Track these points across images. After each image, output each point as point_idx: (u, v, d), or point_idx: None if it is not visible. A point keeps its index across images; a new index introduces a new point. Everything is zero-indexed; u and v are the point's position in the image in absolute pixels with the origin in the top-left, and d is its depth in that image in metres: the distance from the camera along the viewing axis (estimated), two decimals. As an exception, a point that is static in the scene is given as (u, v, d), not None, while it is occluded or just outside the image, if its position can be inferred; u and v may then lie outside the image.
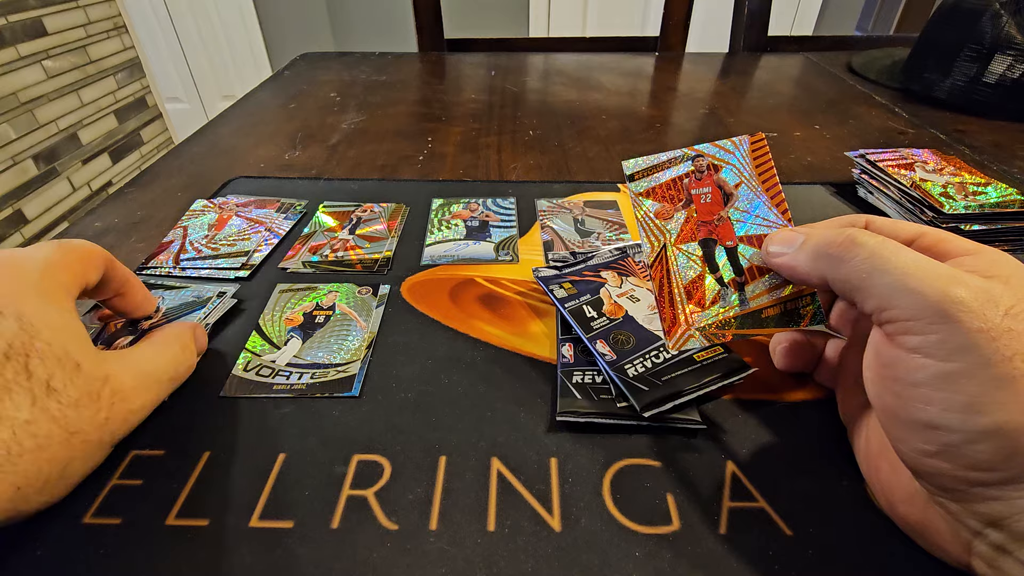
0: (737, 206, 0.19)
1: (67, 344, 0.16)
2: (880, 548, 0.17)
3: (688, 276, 0.19)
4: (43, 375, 0.15)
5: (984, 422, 0.12)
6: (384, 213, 0.36)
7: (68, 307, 0.18)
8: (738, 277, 0.19)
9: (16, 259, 0.17)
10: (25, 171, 1.18)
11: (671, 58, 0.74)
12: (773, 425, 0.21)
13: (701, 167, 0.20)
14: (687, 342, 0.18)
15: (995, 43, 0.48)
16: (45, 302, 0.17)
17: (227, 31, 1.71)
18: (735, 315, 0.18)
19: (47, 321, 0.16)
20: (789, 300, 0.18)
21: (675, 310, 0.19)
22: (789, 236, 0.18)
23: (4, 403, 0.14)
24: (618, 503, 0.18)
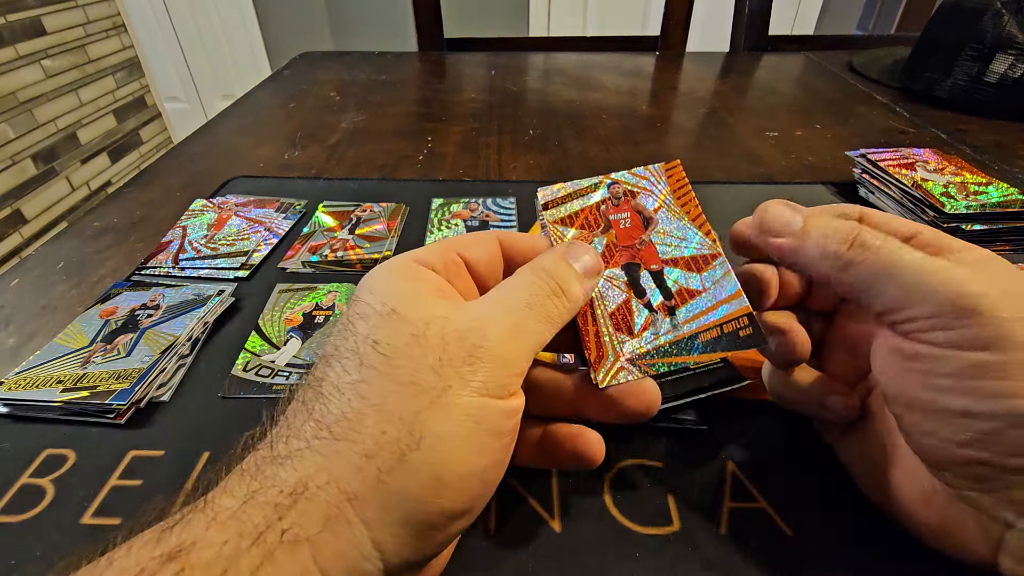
0: (659, 229, 0.19)
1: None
2: (880, 548, 0.17)
3: (614, 303, 0.18)
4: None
5: (1019, 405, 0.12)
6: (384, 213, 0.36)
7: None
8: (667, 301, 0.18)
9: None
10: (24, 171, 1.18)
11: (671, 57, 0.74)
12: (773, 425, 0.21)
13: (617, 193, 0.19)
14: (618, 374, 0.16)
15: (996, 42, 0.48)
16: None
17: (226, 30, 1.71)
18: (669, 341, 0.17)
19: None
20: (726, 323, 0.17)
21: (600, 340, 0.17)
22: (786, 215, 0.17)
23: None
24: (618, 503, 0.18)
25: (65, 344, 0.24)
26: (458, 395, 0.13)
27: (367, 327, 0.14)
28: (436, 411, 0.12)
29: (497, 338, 0.14)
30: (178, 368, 0.23)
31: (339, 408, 0.13)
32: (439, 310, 0.14)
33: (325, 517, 0.11)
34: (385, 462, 0.12)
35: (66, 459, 0.20)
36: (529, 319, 0.15)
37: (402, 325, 0.13)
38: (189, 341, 0.24)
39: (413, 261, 0.16)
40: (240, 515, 0.11)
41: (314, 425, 0.12)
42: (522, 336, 0.14)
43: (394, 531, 0.12)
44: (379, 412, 0.12)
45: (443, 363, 0.13)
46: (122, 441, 0.20)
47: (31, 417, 0.21)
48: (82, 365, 0.23)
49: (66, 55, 1.27)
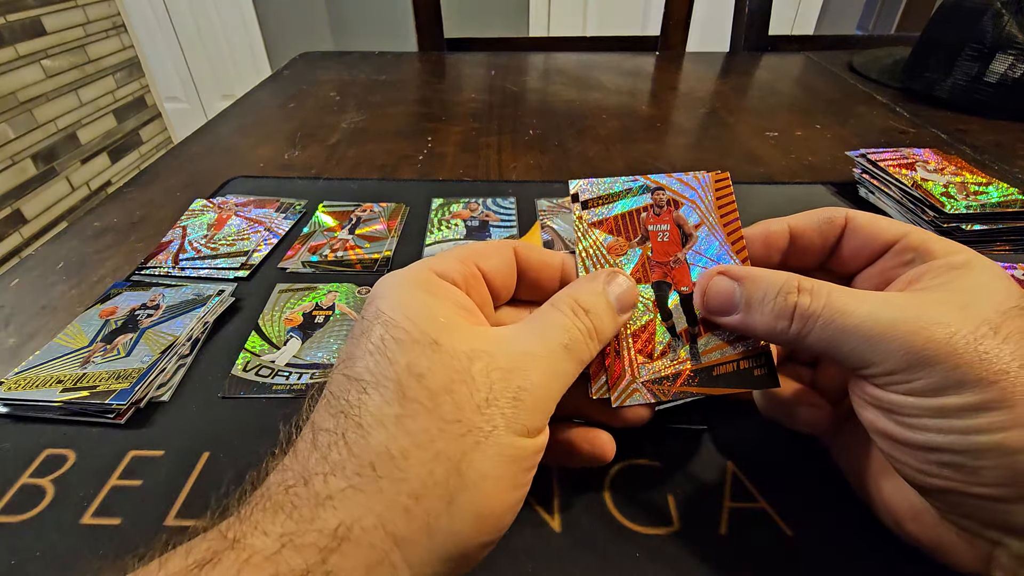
0: (696, 248, 0.18)
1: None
2: (881, 548, 0.17)
3: (639, 321, 0.17)
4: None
5: (984, 441, 0.12)
6: (384, 213, 0.36)
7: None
8: (691, 328, 0.17)
9: None
10: (24, 171, 1.18)
11: (671, 57, 0.74)
12: (774, 426, 0.21)
13: (660, 201, 0.18)
14: (631, 396, 0.16)
15: (996, 42, 0.48)
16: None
17: (226, 30, 1.71)
18: (688, 371, 0.16)
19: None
20: (743, 359, 0.16)
21: (620, 357, 0.16)
22: (724, 292, 0.16)
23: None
24: (618, 503, 0.18)
25: (65, 344, 0.24)
26: (501, 436, 0.13)
27: (408, 357, 0.13)
28: (481, 452, 0.12)
29: (538, 380, 0.14)
30: (178, 368, 0.23)
31: (382, 443, 0.12)
32: (481, 343, 0.14)
33: (368, 562, 0.11)
34: (434, 505, 0.12)
35: (66, 459, 0.20)
36: (565, 361, 0.15)
37: (447, 359, 0.13)
38: (189, 341, 0.24)
39: (434, 273, 0.15)
40: (277, 558, 0.11)
41: (354, 462, 0.12)
42: (558, 378, 0.14)
43: (435, 567, 0.12)
44: (426, 451, 0.12)
45: (489, 403, 0.13)
46: (122, 441, 0.20)
47: (31, 417, 0.21)
48: (82, 365, 0.23)
49: (66, 55, 1.27)
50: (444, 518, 0.12)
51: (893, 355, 0.13)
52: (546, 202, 0.37)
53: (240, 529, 0.11)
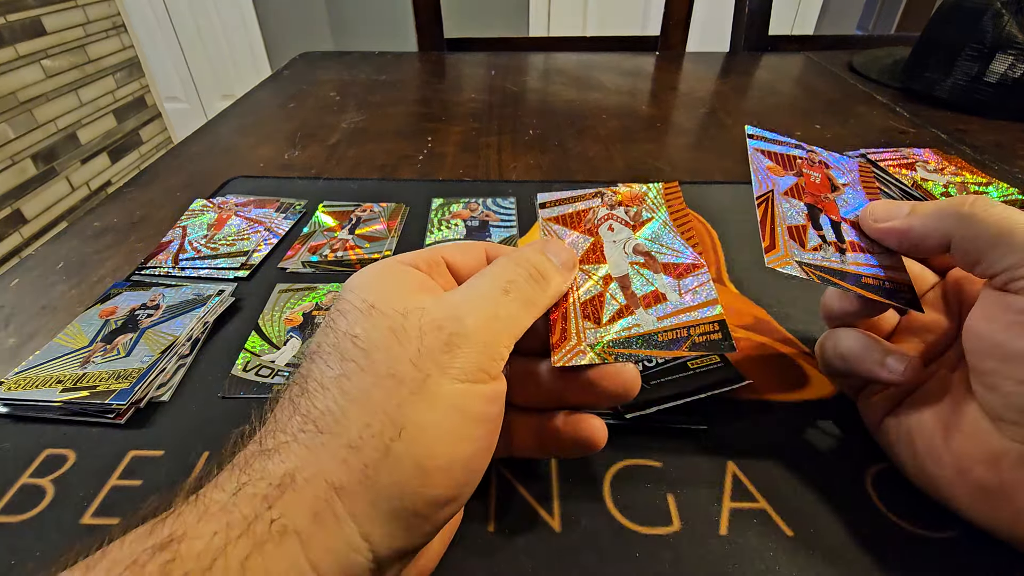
0: (842, 198, 0.20)
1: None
2: (881, 548, 0.17)
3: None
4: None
5: None
6: (384, 213, 0.36)
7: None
8: (840, 243, 0.19)
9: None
10: (24, 171, 1.18)
11: (671, 57, 0.74)
12: (774, 425, 0.21)
13: (813, 159, 0.21)
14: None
15: (996, 42, 0.48)
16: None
17: (226, 30, 1.71)
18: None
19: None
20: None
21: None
22: (892, 205, 0.18)
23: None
24: (618, 504, 0.18)
25: (65, 344, 0.24)
26: (438, 384, 0.13)
27: (347, 323, 0.14)
28: (417, 401, 0.12)
29: (474, 324, 0.14)
30: (178, 368, 0.23)
31: (323, 403, 0.13)
32: (416, 302, 0.14)
33: (313, 512, 0.11)
34: (370, 455, 0.12)
35: (66, 459, 0.20)
36: (506, 303, 0.15)
37: (380, 319, 0.14)
38: (189, 341, 0.24)
39: (396, 261, 0.16)
40: (229, 507, 0.11)
41: (300, 419, 0.13)
42: (500, 320, 0.14)
43: (382, 522, 0.12)
44: (361, 405, 0.12)
45: (421, 354, 0.13)
46: (122, 441, 0.20)
47: (31, 417, 0.21)
48: (82, 365, 0.23)
49: (66, 55, 1.27)
50: (383, 468, 0.12)
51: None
52: (546, 202, 0.37)
53: (204, 490, 0.12)
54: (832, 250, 0.19)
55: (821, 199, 0.20)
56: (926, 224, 0.17)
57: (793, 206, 0.19)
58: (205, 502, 0.11)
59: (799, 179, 0.20)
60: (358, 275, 0.16)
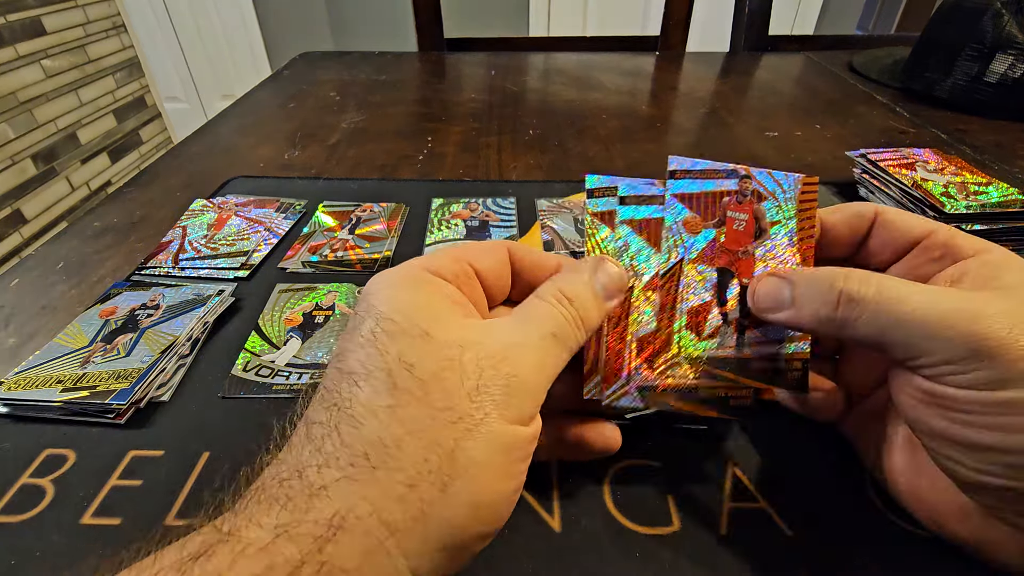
0: (766, 246, 0.18)
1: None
2: (882, 549, 0.17)
3: (698, 300, 0.17)
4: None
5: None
6: (384, 213, 0.36)
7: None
8: (742, 319, 0.17)
9: None
10: (24, 171, 1.18)
11: (671, 57, 0.74)
12: (774, 426, 0.21)
13: (745, 190, 0.18)
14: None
15: (996, 42, 0.48)
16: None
17: (226, 30, 1.71)
18: (730, 357, 0.17)
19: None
20: (783, 359, 0.17)
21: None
22: (774, 291, 0.16)
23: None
24: (618, 503, 0.18)
25: (65, 344, 0.24)
26: (493, 423, 0.13)
27: (398, 348, 0.13)
28: (474, 439, 0.12)
29: (527, 369, 0.14)
30: (178, 368, 0.23)
31: (375, 433, 0.12)
32: (471, 334, 0.14)
33: (364, 550, 0.11)
34: (428, 492, 0.12)
35: (66, 459, 0.20)
36: (553, 349, 0.15)
37: (437, 349, 0.13)
38: (189, 341, 0.24)
39: (425, 270, 0.15)
40: (271, 548, 0.10)
41: (348, 452, 0.12)
42: (547, 366, 0.15)
43: (431, 556, 0.12)
44: (419, 439, 0.12)
45: (480, 391, 0.13)
46: (122, 441, 0.20)
47: (31, 417, 0.21)
48: (82, 365, 0.23)
49: (66, 55, 1.27)
50: (439, 505, 0.12)
51: (950, 344, 0.13)
52: (546, 202, 0.37)
53: (234, 522, 0.11)
54: (731, 333, 0.17)
55: (739, 255, 0.18)
56: (810, 324, 0.15)
57: (702, 277, 0.18)
58: (241, 541, 0.11)
59: (719, 230, 0.18)
60: (386, 284, 0.15)
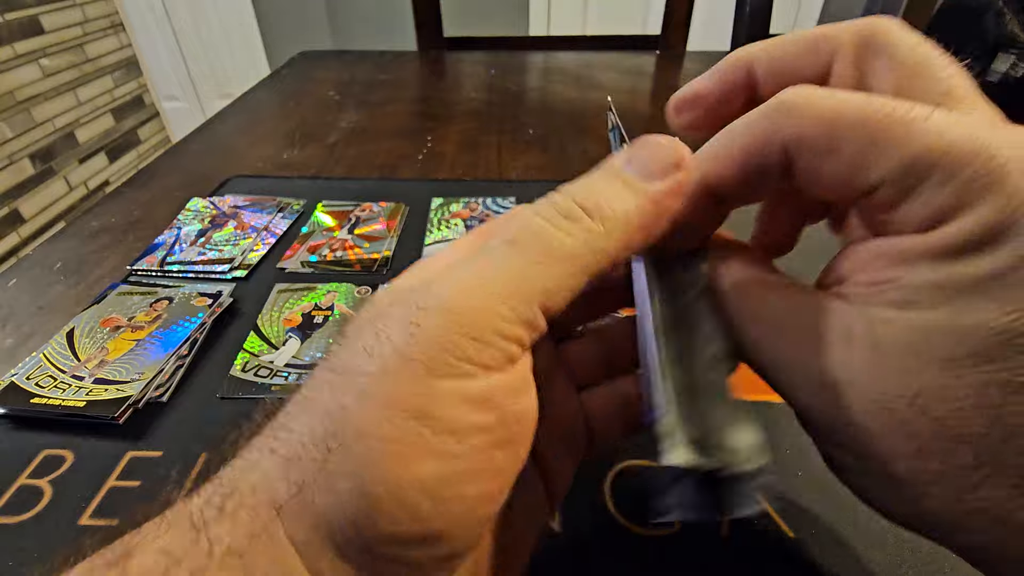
0: None
1: None
2: (882, 549, 0.17)
3: None
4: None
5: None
6: (383, 212, 0.35)
7: None
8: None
9: None
10: (22, 170, 1.18)
11: (672, 57, 0.73)
12: (774, 426, 0.21)
13: None
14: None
15: (998, 42, 0.48)
16: None
17: (225, 29, 1.70)
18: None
19: None
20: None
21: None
22: (659, 149, 0.12)
23: None
24: (618, 504, 0.18)
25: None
26: (395, 379, 0.09)
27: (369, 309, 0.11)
28: (361, 401, 0.09)
29: (450, 291, 0.10)
30: (176, 369, 0.23)
31: (290, 404, 0.11)
32: (418, 271, 0.11)
33: (249, 532, 0.09)
34: (307, 468, 0.09)
35: (64, 460, 0.19)
36: (509, 257, 0.10)
37: (371, 305, 0.11)
38: (187, 342, 0.24)
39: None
40: (176, 522, 0.10)
41: (270, 429, 0.10)
42: (491, 283, 0.10)
43: (331, 557, 0.09)
44: (308, 406, 0.10)
45: (379, 336, 0.10)
46: (120, 442, 0.20)
47: (30, 417, 0.21)
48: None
49: (64, 54, 1.27)
50: (318, 487, 0.09)
51: (889, 152, 0.09)
52: (546, 202, 0.37)
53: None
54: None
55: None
56: (740, 166, 0.11)
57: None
58: (168, 516, 0.10)
59: None
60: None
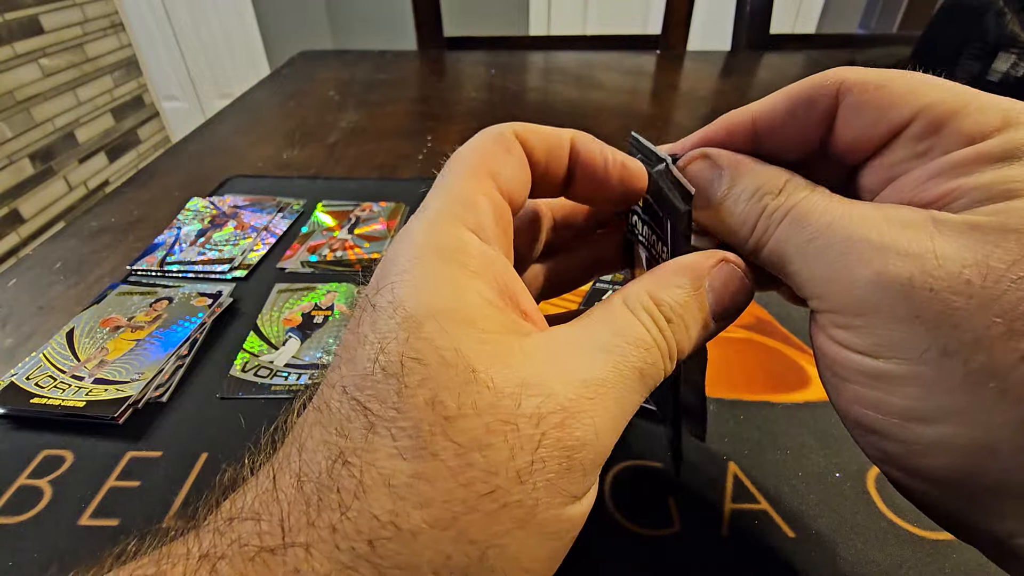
0: None
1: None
2: (882, 549, 0.17)
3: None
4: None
5: (929, 434, 0.09)
6: (383, 212, 0.35)
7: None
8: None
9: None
10: (21, 170, 1.17)
11: (672, 56, 0.73)
12: (774, 426, 0.21)
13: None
14: None
15: (998, 41, 0.48)
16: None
17: (225, 29, 1.70)
18: None
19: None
20: None
21: None
22: (701, 180, 0.13)
23: None
24: (618, 504, 0.18)
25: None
26: (544, 511, 0.09)
27: (434, 389, 0.09)
28: (517, 535, 0.09)
29: (601, 428, 0.10)
30: (176, 369, 0.23)
31: (387, 512, 0.09)
32: (532, 368, 0.10)
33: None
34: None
35: (64, 460, 0.19)
36: (635, 394, 0.11)
37: (487, 398, 0.09)
38: (187, 342, 0.24)
39: (466, 230, 0.11)
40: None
41: (348, 531, 0.09)
42: (625, 419, 0.11)
43: None
44: (444, 531, 0.09)
45: (534, 467, 0.09)
46: (120, 442, 0.20)
47: (29, 418, 0.21)
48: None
49: (64, 54, 1.27)
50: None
51: (838, 288, 0.10)
52: (546, 201, 0.36)
53: (177, 544, 0.09)
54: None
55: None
56: (732, 235, 0.12)
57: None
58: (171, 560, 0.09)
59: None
60: (419, 266, 0.10)
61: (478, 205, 0.11)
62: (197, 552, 0.09)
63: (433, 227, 0.11)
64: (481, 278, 0.11)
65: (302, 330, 0.25)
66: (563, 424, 0.10)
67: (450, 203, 0.11)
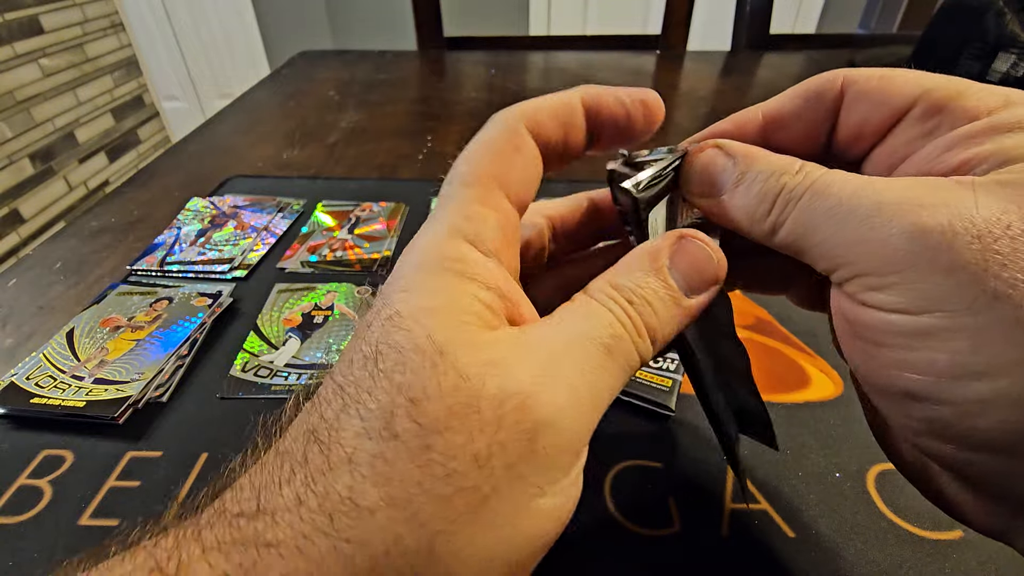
0: None
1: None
2: (882, 549, 0.17)
3: None
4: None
5: (982, 390, 0.09)
6: (383, 212, 0.35)
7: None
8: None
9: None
10: (21, 170, 1.18)
11: (672, 56, 0.73)
12: (774, 426, 0.21)
13: None
14: None
15: (998, 41, 0.48)
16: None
17: (225, 29, 1.70)
18: None
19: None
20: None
21: None
22: (711, 167, 0.13)
23: None
24: (618, 504, 0.18)
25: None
26: (505, 499, 0.09)
27: (403, 373, 0.10)
28: (467, 527, 0.09)
29: (564, 407, 0.10)
30: (176, 369, 0.23)
31: (348, 489, 0.09)
32: (498, 350, 0.10)
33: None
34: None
35: (64, 460, 0.19)
36: (608, 374, 0.11)
37: (451, 380, 0.09)
38: (187, 342, 0.24)
39: (466, 244, 0.11)
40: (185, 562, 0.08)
41: (312, 504, 0.09)
42: (598, 402, 0.11)
43: None
44: (398, 511, 0.09)
45: (491, 451, 0.09)
46: (120, 442, 0.20)
47: (29, 418, 0.21)
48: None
49: (64, 54, 1.27)
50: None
51: (869, 248, 0.10)
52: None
53: (177, 553, 0.09)
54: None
55: None
56: (747, 218, 0.12)
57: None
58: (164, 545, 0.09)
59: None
60: (413, 268, 0.11)
61: (480, 217, 0.12)
62: (191, 524, 0.09)
63: (435, 240, 0.11)
64: (477, 284, 0.11)
65: (302, 330, 0.25)
66: (522, 406, 0.10)
67: (452, 216, 0.12)
